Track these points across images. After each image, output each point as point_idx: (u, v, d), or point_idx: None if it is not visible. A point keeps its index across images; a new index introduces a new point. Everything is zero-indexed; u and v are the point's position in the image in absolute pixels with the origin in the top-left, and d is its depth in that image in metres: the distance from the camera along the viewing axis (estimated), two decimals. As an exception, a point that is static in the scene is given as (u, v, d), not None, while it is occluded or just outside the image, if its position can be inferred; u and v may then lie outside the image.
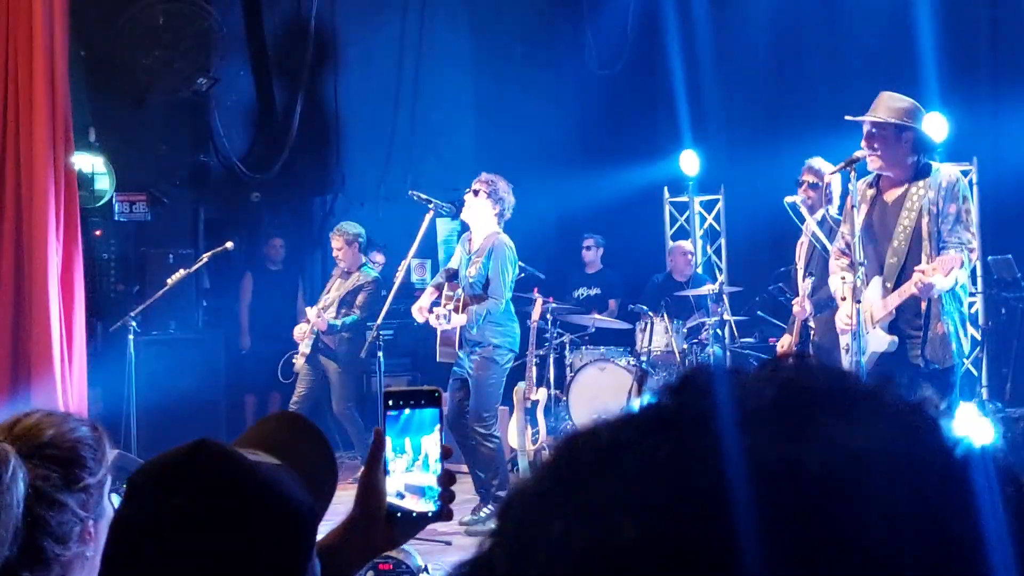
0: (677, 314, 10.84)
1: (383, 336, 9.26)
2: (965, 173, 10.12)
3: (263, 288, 12.00)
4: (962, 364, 6.39)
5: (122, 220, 11.15)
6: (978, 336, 10.07)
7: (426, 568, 6.31)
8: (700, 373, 0.76)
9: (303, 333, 10.08)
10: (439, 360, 8.74)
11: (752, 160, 11.89)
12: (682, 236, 13.09)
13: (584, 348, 11.36)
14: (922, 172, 6.30)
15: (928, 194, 6.20)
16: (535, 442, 10.32)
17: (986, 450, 0.72)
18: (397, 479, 1.95)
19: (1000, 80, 10.66)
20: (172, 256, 11.00)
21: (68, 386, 7.96)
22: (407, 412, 1.95)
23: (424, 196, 8.96)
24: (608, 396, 10.48)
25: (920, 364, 6.21)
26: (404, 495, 1.95)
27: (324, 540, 2.02)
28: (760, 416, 0.71)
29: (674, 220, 13.46)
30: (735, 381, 0.75)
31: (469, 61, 14.12)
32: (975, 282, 10.15)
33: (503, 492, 8.38)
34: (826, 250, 7.72)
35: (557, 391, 11.09)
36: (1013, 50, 10.74)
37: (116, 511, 1.67)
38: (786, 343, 8.18)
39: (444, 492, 1.95)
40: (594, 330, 11.60)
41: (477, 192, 8.51)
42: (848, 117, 6.59)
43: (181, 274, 9.56)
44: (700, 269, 12.20)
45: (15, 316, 7.89)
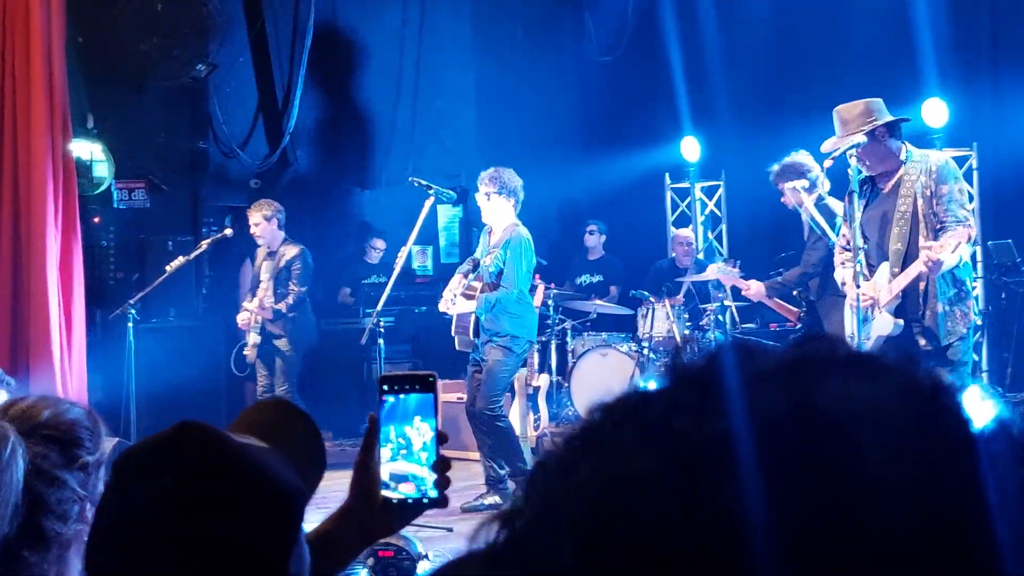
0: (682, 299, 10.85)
1: (383, 323, 9.24)
2: (965, 159, 10.11)
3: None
4: (965, 343, 6.54)
5: (121, 207, 11.13)
6: (979, 321, 10.06)
7: (427, 555, 6.31)
8: (723, 347, 0.80)
9: (246, 322, 9.99)
10: (458, 349, 8.76)
11: (753, 146, 11.87)
12: (683, 222, 13.08)
13: (586, 334, 11.36)
14: (908, 157, 6.58)
15: (920, 179, 6.46)
16: (536, 428, 10.32)
17: (1002, 419, 0.75)
18: (392, 465, 1.93)
19: (1000, 66, 10.64)
20: (171, 243, 10.99)
21: (67, 374, 7.96)
22: (403, 397, 1.93)
23: (424, 182, 8.94)
24: (610, 382, 10.43)
25: (922, 343, 6.47)
26: (400, 481, 1.93)
27: (320, 527, 2.02)
28: (773, 372, 0.76)
29: (675, 206, 13.45)
30: (754, 350, 0.79)
31: (470, 47, 14.09)
32: (975, 267, 10.14)
33: (513, 480, 8.41)
34: (824, 234, 7.82)
35: (559, 377, 11.10)
36: (1013, 36, 10.72)
37: (102, 494, 1.67)
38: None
39: (440, 478, 1.93)
40: (596, 316, 11.60)
41: (488, 195, 8.53)
42: (825, 149, 6.87)
43: (180, 261, 9.54)
44: (702, 255, 12.18)
45: (14, 304, 7.89)
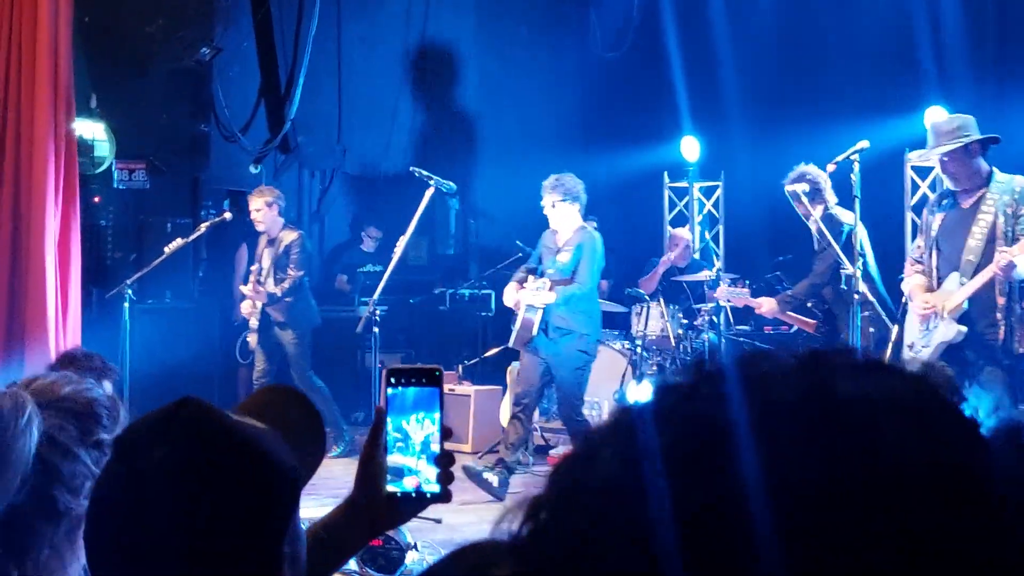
0: (674, 299, 10.85)
1: (379, 312, 9.25)
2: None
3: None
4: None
5: (121, 188, 11.11)
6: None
7: (415, 545, 6.33)
8: (739, 350, 0.82)
9: (248, 309, 10.06)
10: (512, 345, 8.92)
11: (753, 148, 11.89)
12: (681, 221, 13.09)
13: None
14: (990, 177, 6.83)
15: (1003, 198, 6.69)
16: (528, 423, 10.33)
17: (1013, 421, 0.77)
18: (397, 458, 1.94)
19: (1004, 73, 10.65)
20: (170, 225, 10.99)
21: (62, 351, 7.95)
22: (409, 391, 1.95)
23: (425, 173, 8.94)
24: (602, 379, 10.48)
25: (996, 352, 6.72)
26: (404, 475, 1.94)
27: (325, 518, 2.06)
28: (791, 365, 0.79)
29: (673, 205, 13.46)
30: (767, 352, 0.81)
31: (473, 40, 14.09)
32: None
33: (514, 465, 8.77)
34: (828, 244, 7.89)
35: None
36: (1018, 44, 10.72)
37: (103, 467, 1.70)
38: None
39: (443, 473, 1.94)
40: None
41: (554, 204, 8.70)
42: (917, 154, 7.33)
43: (179, 243, 9.53)
44: (698, 255, 12.19)
45: (11, 281, 7.87)
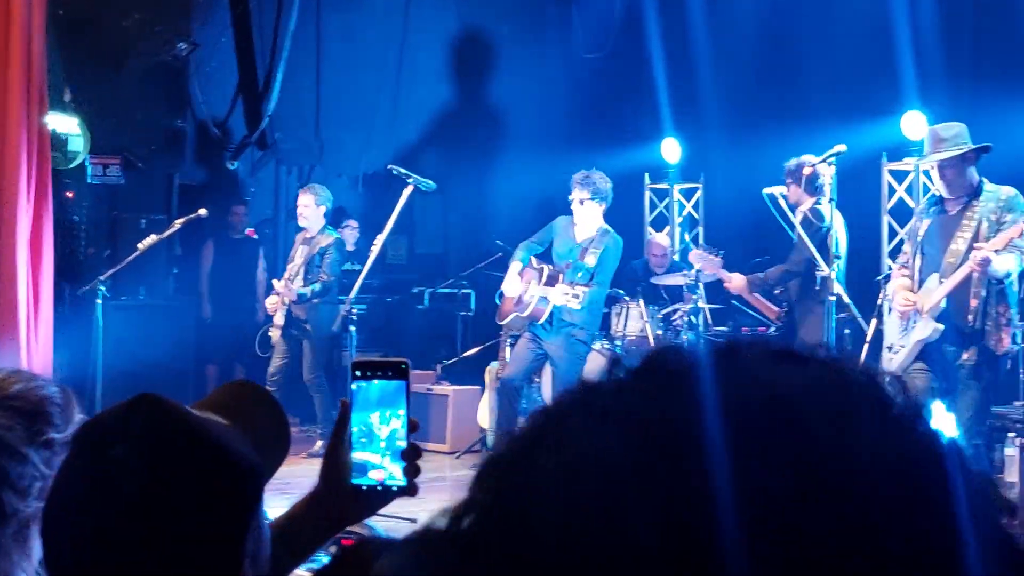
0: (653, 300, 10.84)
1: (356, 310, 9.22)
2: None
3: (224, 256, 11.95)
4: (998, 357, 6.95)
5: (95, 183, 11.03)
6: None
7: (388, 545, 6.29)
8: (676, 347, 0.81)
9: (275, 304, 10.01)
10: (505, 323, 9.20)
11: (733, 150, 11.89)
12: (661, 222, 13.08)
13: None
14: (980, 187, 6.94)
15: (988, 205, 6.82)
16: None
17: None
18: (362, 452, 1.93)
19: (982, 79, 10.65)
20: (144, 221, 10.91)
21: (33, 349, 7.89)
22: (375, 384, 1.93)
23: (404, 171, 8.91)
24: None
25: (964, 356, 6.85)
26: (369, 469, 1.93)
27: (289, 512, 2.03)
28: (741, 364, 0.77)
29: (653, 206, 13.45)
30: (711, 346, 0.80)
31: (455, 39, 14.05)
32: None
33: None
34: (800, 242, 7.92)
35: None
36: (994, 50, 10.74)
37: (60, 466, 1.67)
38: None
39: (410, 467, 1.93)
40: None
41: (583, 201, 8.86)
42: (916, 161, 7.63)
43: (153, 239, 9.47)
44: (677, 257, 12.18)
45: (-19, 275, 7.80)
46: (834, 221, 7.88)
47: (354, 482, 1.93)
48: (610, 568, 0.69)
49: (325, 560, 1.70)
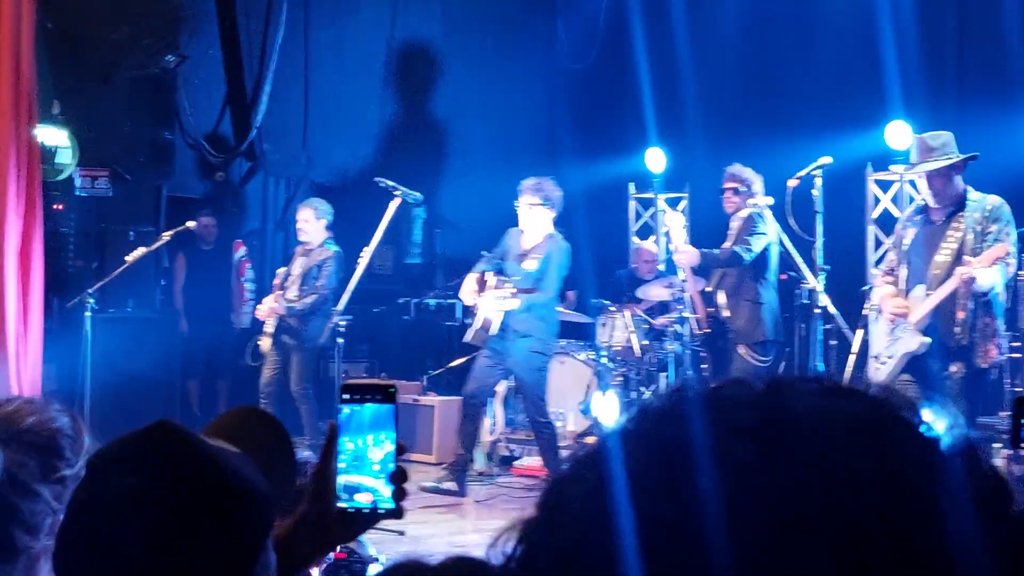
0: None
1: (343, 322, 9.23)
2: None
3: (196, 270, 11.94)
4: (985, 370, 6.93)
5: (83, 195, 11.01)
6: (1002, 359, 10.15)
7: (378, 558, 6.30)
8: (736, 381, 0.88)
9: (266, 313, 10.00)
10: (469, 340, 9.03)
11: (718, 160, 11.87)
12: (646, 232, 13.12)
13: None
14: (965, 196, 6.90)
15: (974, 215, 6.79)
16: (492, 433, 10.32)
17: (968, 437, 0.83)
18: (350, 475, 1.95)
19: (965, 89, 10.73)
20: (133, 233, 10.89)
21: (22, 362, 7.88)
22: (363, 406, 1.95)
23: (391, 183, 8.94)
24: (567, 389, 10.49)
25: (952, 369, 6.81)
26: (356, 491, 1.95)
27: (276, 532, 2.03)
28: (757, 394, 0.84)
29: (639, 216, 13.49)
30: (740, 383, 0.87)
31: (440, 51, 14.08)
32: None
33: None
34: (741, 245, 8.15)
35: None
36: (979, 59, 10.81)
37: (74, 492, 1.67)
38: None
39: (397, 489, 1.95)
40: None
41: (532, 206, 8.83)
42: (903, 170, 7.52)
43: (141, 252, 9.48)
44: (663, 267, 12.22)
45: (-30, 288, 7.79)
46: (769, 230, 8.09)
47: (342, 504, 1.94)
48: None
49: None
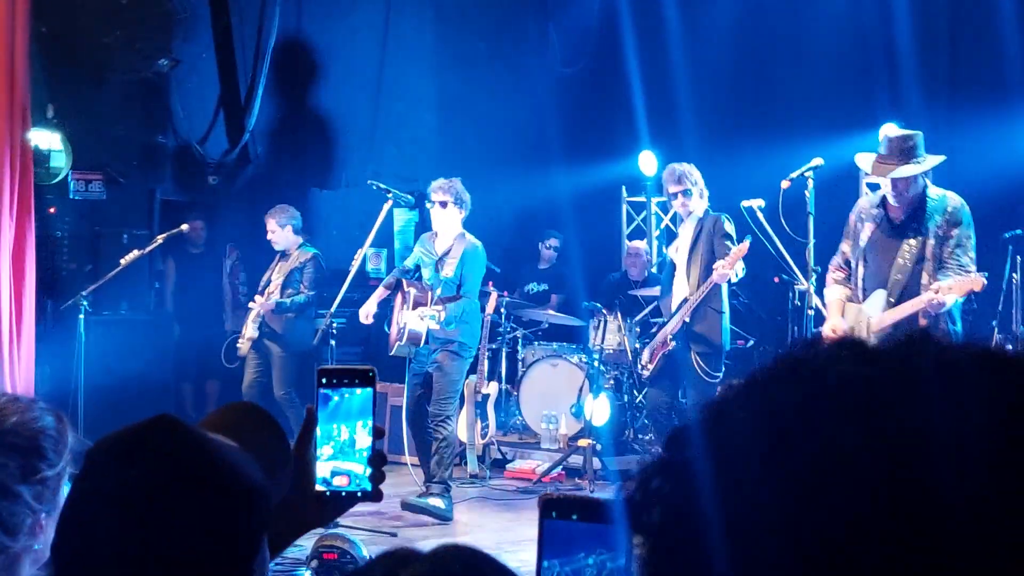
0: (631, 312, 10.88)
1: (335, 325, 9.23)
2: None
3: (186, 273, 11.96)
4: None
5: (77, 198, 11.03)
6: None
7: (370, 559, 6.32)
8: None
9: (256, 309, 9.99)
10: (393, 354, 8.76)
11: (710, 163, 11.91)
12: (638, 236, 13.14)
13: (536, 343, 11.39)
14: (924, 193, 6.70)
15: (935, 217, 6.62)
16: (484, 436, 10.34)
17: None
18: (328, 457, 1.95)
19: (957, 90, 10.76)
20: (126, 236, 10.90)
21: (15, 363, 7.90)
22: (341, 391, 1.96)
23: (383, 186, 8.96)
24: (559, 392, 10.52)
25: None
26: (335, 474, 1.95)
27: None
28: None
29: (631, 219, 13.52)
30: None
31: (433, 54, 14.10)
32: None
33: (449, 481, 8.61)
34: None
35: (508, 386, 11.12)
36: (971, 60, 10.85)
37: (73, 483, 1.67)
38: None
39: (375, 472, 1.96)
40: (547, 326, 11.64)
41: (444, 204, 8.62)
42: (870, 170, 6.96)
43: (135, 255, 9.49)
44: (656, 269, 12.25)
45: (-36, 291, 7.81)
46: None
47: (320, 487, 1.95)
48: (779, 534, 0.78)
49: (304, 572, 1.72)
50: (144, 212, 11.76)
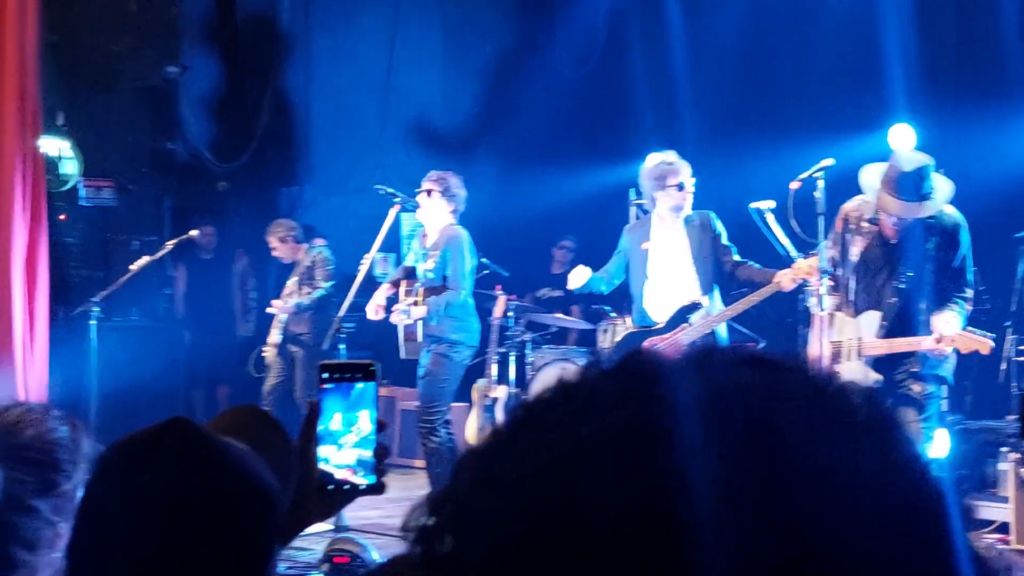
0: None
1: (345, 329, 9.23)
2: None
3: (197, 279, 11.97)
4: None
5: (87, 205, 11.07)
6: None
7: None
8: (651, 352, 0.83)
9: (277, 311, 10.03)
10: (404, 357, 8.73)
11: (718, 165, 11.94)
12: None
13: (545, 347, 11.38)
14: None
15: (932, 239, 6.35)
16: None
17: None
18: (330, 451, 1.95)
19: (964, 90, 10.75)
20: (137, 243, 10.94)
21: (29, 371, 7.92)
22: (344, 385, 1.96)
23: (390, 190, 8.95)
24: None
25: (916, 388, 6.44)
26: (338, 468, 1.95)
27: None
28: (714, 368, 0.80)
29: (639, 222, 13.50)
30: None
31: (440, 58, 14.12)
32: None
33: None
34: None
35: (517, 389, 11.10)
36: (978, 60, 10.83)
37: (86, 486, 1.68)
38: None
39: (379, 465, 1.96)
40: (556, 329, 11.63)
41: (430, 192, 8.50)
42: (875, 202, 6.59)
43: (145, 261, 9.51)
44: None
45: (-24, 298, 7.83)
46: None
47: (322, 481, 1.95)
48: (574, 552, 0.73)
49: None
50: (154, 218, 11.79)
